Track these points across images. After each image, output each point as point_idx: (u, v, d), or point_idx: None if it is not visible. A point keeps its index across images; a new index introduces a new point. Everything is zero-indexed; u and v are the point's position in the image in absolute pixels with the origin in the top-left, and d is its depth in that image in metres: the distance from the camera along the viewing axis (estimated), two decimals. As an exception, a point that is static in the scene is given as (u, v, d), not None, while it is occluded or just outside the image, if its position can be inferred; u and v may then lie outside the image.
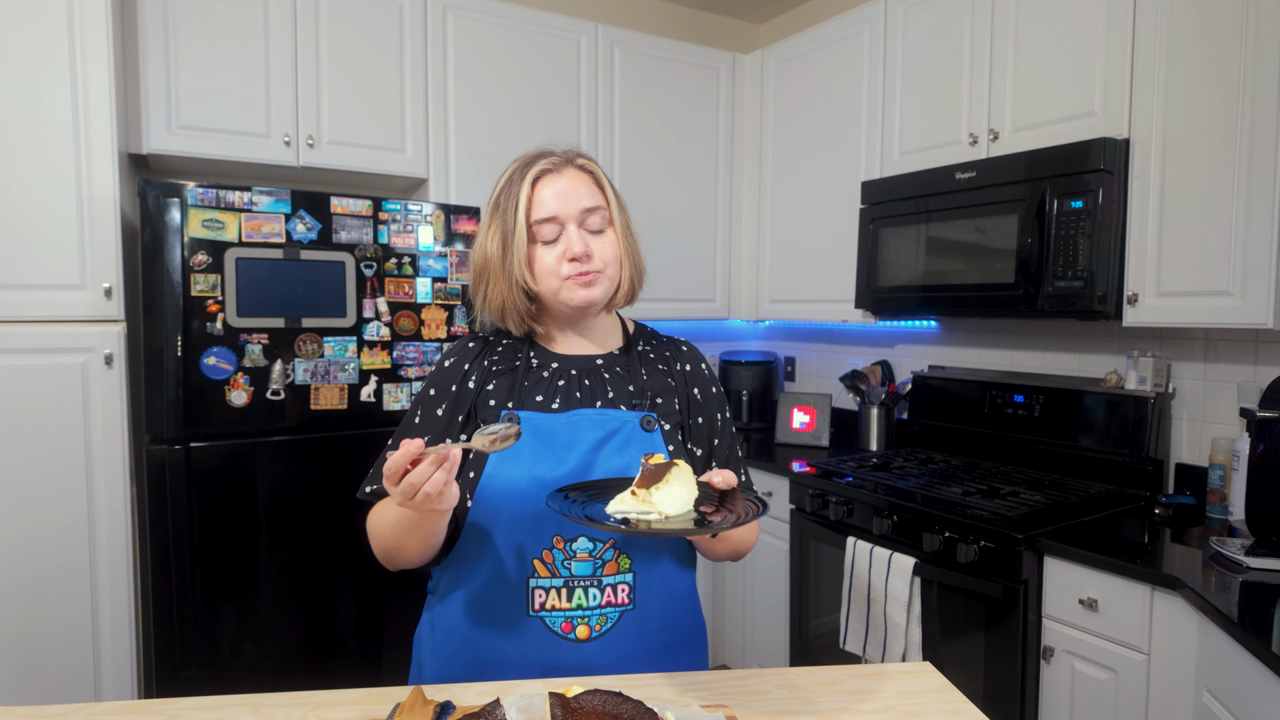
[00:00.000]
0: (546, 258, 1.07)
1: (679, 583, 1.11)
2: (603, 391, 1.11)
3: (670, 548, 1.09)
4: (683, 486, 0.89)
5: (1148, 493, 2.11)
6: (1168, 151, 1.86)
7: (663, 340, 1.23)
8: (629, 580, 1.04)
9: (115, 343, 1.98)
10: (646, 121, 3.02)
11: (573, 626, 1.02)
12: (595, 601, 1.03)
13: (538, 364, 1.12)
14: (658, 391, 1.14)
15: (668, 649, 1.08)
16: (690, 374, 1.19)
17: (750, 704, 0.95)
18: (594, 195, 1.09)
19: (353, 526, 2.16)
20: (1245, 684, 1.30)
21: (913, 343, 2.92)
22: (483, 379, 1.11)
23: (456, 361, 1.13)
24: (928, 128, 2.45)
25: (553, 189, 1.07)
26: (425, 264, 2.22)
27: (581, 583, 1.03)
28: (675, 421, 1.13)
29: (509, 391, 1.09)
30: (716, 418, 1.19)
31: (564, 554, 1.03)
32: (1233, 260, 1.75)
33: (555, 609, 1.02)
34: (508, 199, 1.08)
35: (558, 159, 1.10)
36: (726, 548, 1.11)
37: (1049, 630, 1.80)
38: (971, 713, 0.93)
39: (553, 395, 1.09)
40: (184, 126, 2.22)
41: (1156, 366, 2.11)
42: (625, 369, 1.15)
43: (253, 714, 0.93)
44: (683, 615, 1.11)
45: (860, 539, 2.17)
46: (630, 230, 1.15)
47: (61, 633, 1.96)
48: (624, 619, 1.04)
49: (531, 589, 1.02)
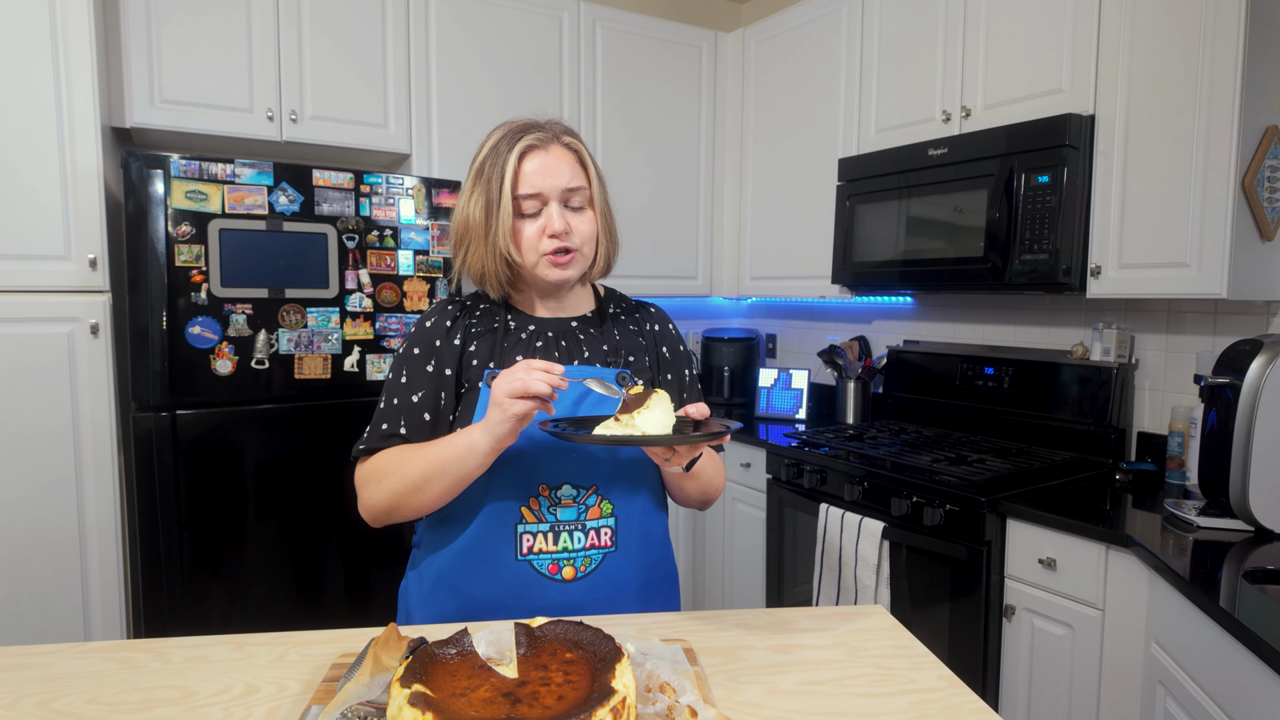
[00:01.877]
0: (527, 231, 1.11)
1: (654, 526, 1.18)
2: (579, 351, 1.17)
3: (647, 489, 1.16)
4: (662, 411, 0.96)
5: (1110, 460, 2.18)
6: (1131, 127, 1.91)
7: (632, 304, 1.30)
8: (610, 524, 1.11)
9: (101, 312, 2.01)
10: (629, 99, 3.05)
11: (559, 568, 1.08)
12: (580, 544, 1.09)
13: (515, 326, 1.17)
14: (630, 350, 1.21)
15: (646, 589, 1.15)
16: (659, 334, 1.27)
17: (708, 639, 1.01)
18: (577, 175, 1.13)
19: (339, 494, 2.20)
20: (1190, 634, 1.37)
21: (889, 318, 2.98)
22: (465, 338, 1.15)
23: (437, 321, 1.17)
24: (903, 105, 2.49)
25: (538, 165, 1.10)
26: (407, 237, 2.25)
27: (566, 527, 1.09)
28: (647, 378, 1.21)
29: (490, 352, 1.14)
30: (684, 374, 1.27)
31: (549, 500, 1.09)
32: (1190, 233, 1.81)
33: (542, 552, 1.08)
34: (493, 167, 1.11)
35: (545, 135, 1.13)
36: (697, 488, 1.17)
37: (1010, 590, 1.87)
38: (915, 646, 0.99)
39: (532, 355, 1.14)
40: (167, 100, 2.24)
41: (1120, 338, 2.18)
42: (599, 330, 1.21)
43: (235, 651, 0.98)
44: (659, 558, 1.18)
45: (832, 505, 2.23)
46: (609, 207, 1.19)
47: (51, 600, 2.00)
48: (607, 560, 1.11)
49: (519, 534, 1.08)
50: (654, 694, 0.80)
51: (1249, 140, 1.74)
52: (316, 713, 0.79)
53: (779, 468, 2.51)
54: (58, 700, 0.85)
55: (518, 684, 0.74)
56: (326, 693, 0.85)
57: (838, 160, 2.65)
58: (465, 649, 0.81)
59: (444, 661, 0.78)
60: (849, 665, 0.94)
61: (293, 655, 0.97)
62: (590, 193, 1.15)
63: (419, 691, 0.69)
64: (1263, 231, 1.80)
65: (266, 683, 0.89)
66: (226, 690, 0.88)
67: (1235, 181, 1.72)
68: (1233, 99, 1.71)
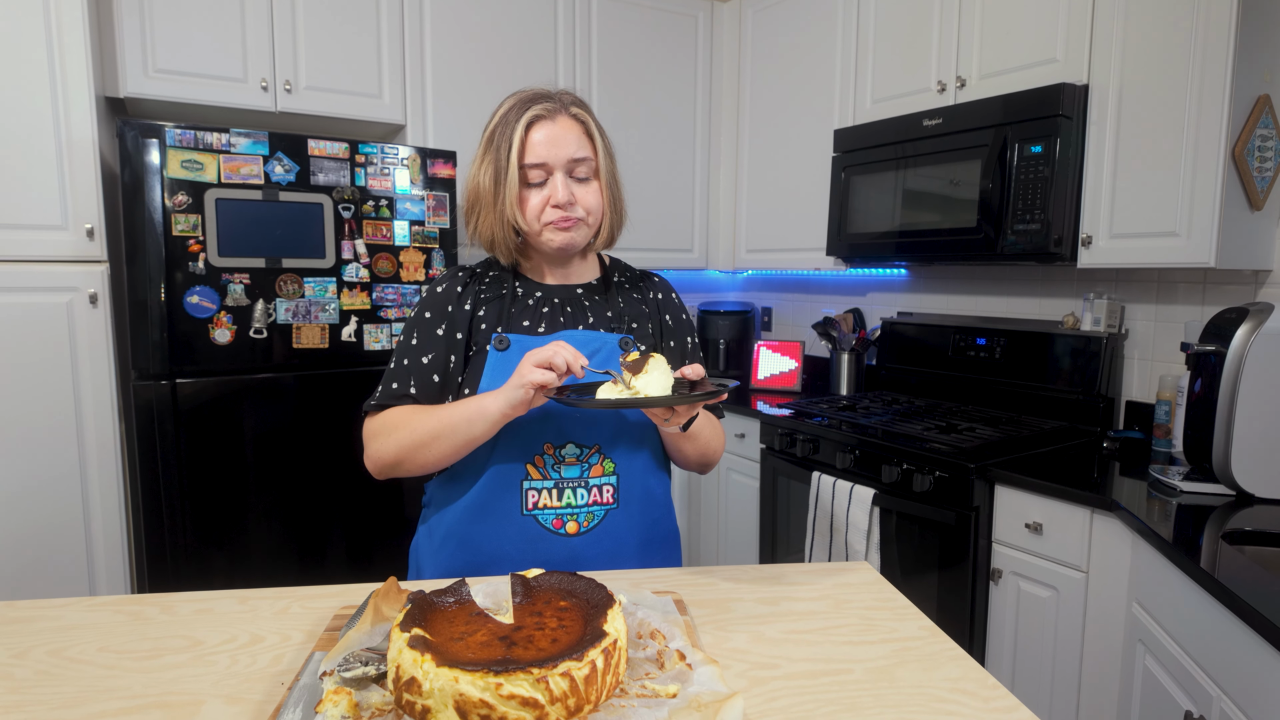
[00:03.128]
0: (533, 200, 1.14)
1: (655, 486, 1.21)
2: (584, 317, 1.21)
3: (648, 450, 1.19)
4: (661, 374, 1.00)
5: (1099, 429, 2.21)
6: (1124, 97, 1.92)
7: (636, 274, 1.33)
8: (613, 482, 1.15)
9: (99, 282, 2.02)
10: (624, 69, 3.03)
11: (563, 523, 1.13)
12: (583, 500, 1.14)
13: (523, 293, 1.21)
14: (634, 317, 1.24)
15: (647, 546, 1.20)
16: (662, 302, 1.30)
17: (698, 592, 1.04)
18: (583, 146, 1.15)
19: (338, 461, 2.23)
20: (1170, 594, 1.41)
21: (883, 290, 3.00)
22: (474, 303, 1.19)
23: (449, 287, 1.21)
24: (899, 76, 2.49)
25: (544, 135, 1.12)
26: (402, 207, 2.26)
27: (570, 484, 1.13)
28: (649, 344, 1.24)
29: (498, 317, 1.18)
30: (687, 341, 1.30)
31: (554, 459, 1.13)
32: (1180, 202, 1.82)
33: (547, 507, 1.13)
34: (501, 136, 1.14)
35: (553, 105, 1.14)
36: (695, 449, 1.20)
37: (998, 554, 1.91)
38: (898, 599, 1.02)
39: (538, 320, 1.19)
40: (160, 70, 2.23)
41: (1110, 308, 2.20)
42: (604, 297, 1.24)
43: (239, 604, 1.01)
44: (659, 516, 1.22)
45: (825, 473, 2.27)
46: (616, 178, 1.22)
47: (57, 569, 2.03)
48: (609, 516, 1.15)
49: (525, 490, 1.12)
50: (645, 640, 0.83)
51: (1240, 110, 1.74)
52: (320, 659, 0.82)
53: (773, 438, 2.54)
54: (69, 649, 0.88)
55: (513, 628, 0.77)
56: (329, 641, 0.88)
57: (833, 131, 2.65)
58: (463, 598, 0.84)
59: (442, 609, 0.81)
60: (834, 616, 0.97)
61: (295, 608, 1.00)
62: (596, 164, 1.17)
63: (418, 635, 0.72)
64: (1252, 201, 1.82)
65: (271, 633, 0.92)
66: (232, 640, 0.91)
67: (1226, 151, 1.73)
68: (1225, 69, 1.72)
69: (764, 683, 0.81)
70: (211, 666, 0.84)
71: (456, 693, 0.65)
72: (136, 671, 0.83)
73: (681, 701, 0.70)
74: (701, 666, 0.77)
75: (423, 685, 0.67)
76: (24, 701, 0.77)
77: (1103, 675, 1.70)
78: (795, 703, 0.77)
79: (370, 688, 0.73)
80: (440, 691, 0.66)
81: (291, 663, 0.85)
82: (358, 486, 2.27)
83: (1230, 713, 1.16)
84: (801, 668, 0.84)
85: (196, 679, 0.81)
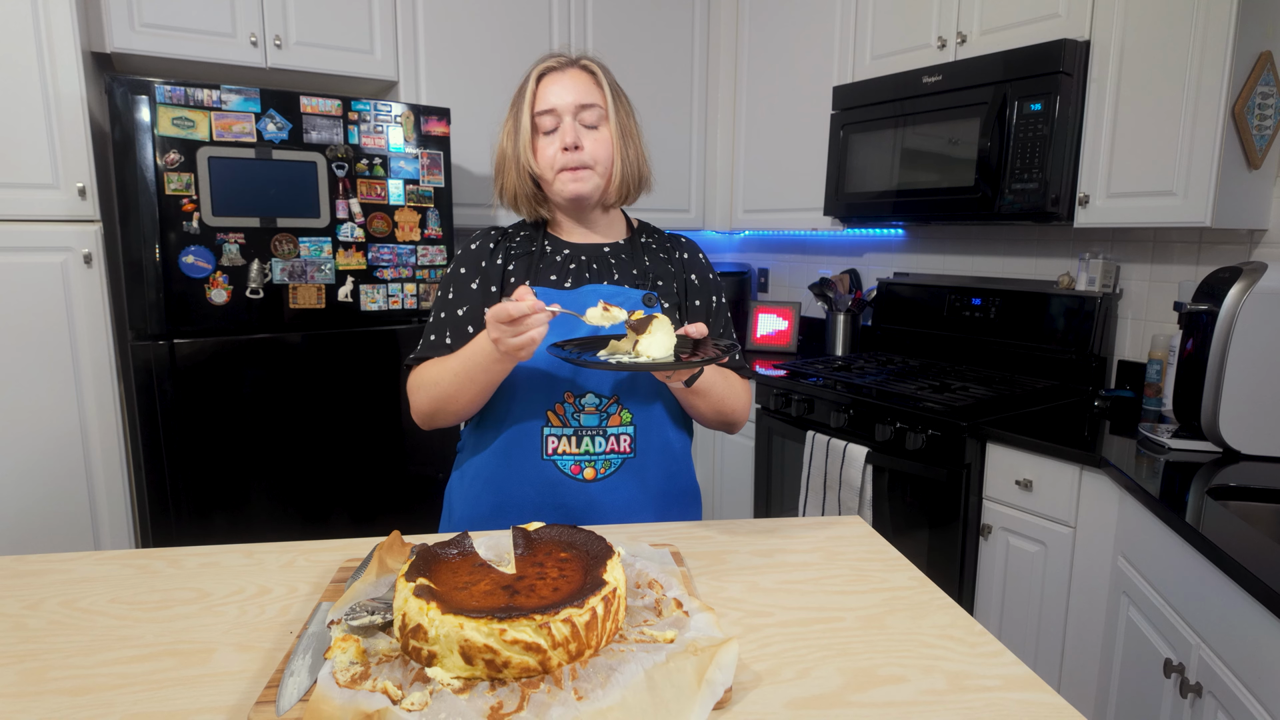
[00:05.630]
0: (546, 149, 1.19)
1: (674, 440, 1.24)
2: (609, 274, 1.24)
3: (662, 403, 1.22)
4: (664, 335, 1.02)
5: (1091, 388, 2.23)
6: (1125, 53, 1.90)
7: (664, 235, 1.36)
8: (630, 432, 1.18)
9: (93, 242, 2.01)
10: (620, 25, 2.98)
11: (580, 469, 1.17)
12: (600, 448, 1.17)
13: (551, 250, 1.25)
14: (659, 275, 1.27)
15: (664, 499, 1.23)
16: (688, 262, 1.31)
17: (694, 545, 1.06)
18: (591, 93, 1.19)
19: (338, 420, 2.25)
20: (1155, 547, 1.45)
21: (880, 251, 2.99)
22: (506, 259, 1.24)
23: (482, 244, 1.26)
24: (899, 31, 2.45)
25: (554, 85, 1.19)
26: (396, 165, 2.24)
27: (589, 432, 1.17)
28: (674, 302, 1.26)
29: (526, 271, 1.23)
30: (712, 300, 1.31)
31: (574, 407, 1.17)
32: (1178, 161, 1.82)
33: (566, 454, 1.17)
34: (520, 97, 1.20)
35: (564, 59, 1.22)
36: (708, 406, 1.21)
37: (988, 510, 1.95)
38: (889, 551, 1.05)
39: (565, 276, 1.22)
40: (147, 25, 2.19)
41: (1106, 268, 2.20)
42: (630, 255, 1.27)
43: (245, 558, 1.03)
44: (678, 471, 1.25)
45: (819, 432, 2.29)
46: (631, 133, 1.24)
47: (61, 529, 2.06)
48: (625, 465, 1.18)
49: (545, 436, 1.17)
50: (643, 589, 0.85)
51: (1241, 66, 1.73)
52: (326, 609, 0.85)
53: (768, 398, 2.56)
54: (81, 600, 0.90)
55: (515, 578, 0.79)
56: (335, 592, 0.90)
57: (832, 88, 2.62)
58: (466, 549, 0.86)
59: (446, 560, 0.84)
60: (826, 567, 0.99)
61: (301, 561, 1.02)
62: (605, 111, 1.20)
63: (423, 584, 0.74)
64: (1250, 160, 1.81)
65: (277, 585, 0.95)
66: (240, 591, 0.93)
67: (1226, 108, 1.72)
68: (1228, 23, 1.70)
69: (758, 629, 0.83)
70: (221, 616, 0.86)
71: (462, 639, 0.67)
72: (148, 621, 0.85)
73: (679, 646, 0.73)
74: (698, 614, 0.79)
75: (429, 632, 0.69)
76: (39, 650, 0.79)
77: (1087, 626, 1.75)
78: (788, 648, 0.79)
79: (377, 635, 0.76)
80: (446, 638, 0.68)
81: (299, 613, 0.88)
82: (358, 445, 2.29)
83: (1208, 659, 1.20)
84: (794, 615, 0.86)
85: (206, 628, 0.84)
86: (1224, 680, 1.15)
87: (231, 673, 0.75)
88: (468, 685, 0.67)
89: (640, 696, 0.66)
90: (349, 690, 0.65)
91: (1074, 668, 1.79)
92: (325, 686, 0.66)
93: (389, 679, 0.68)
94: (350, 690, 0.65)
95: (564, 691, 0.67)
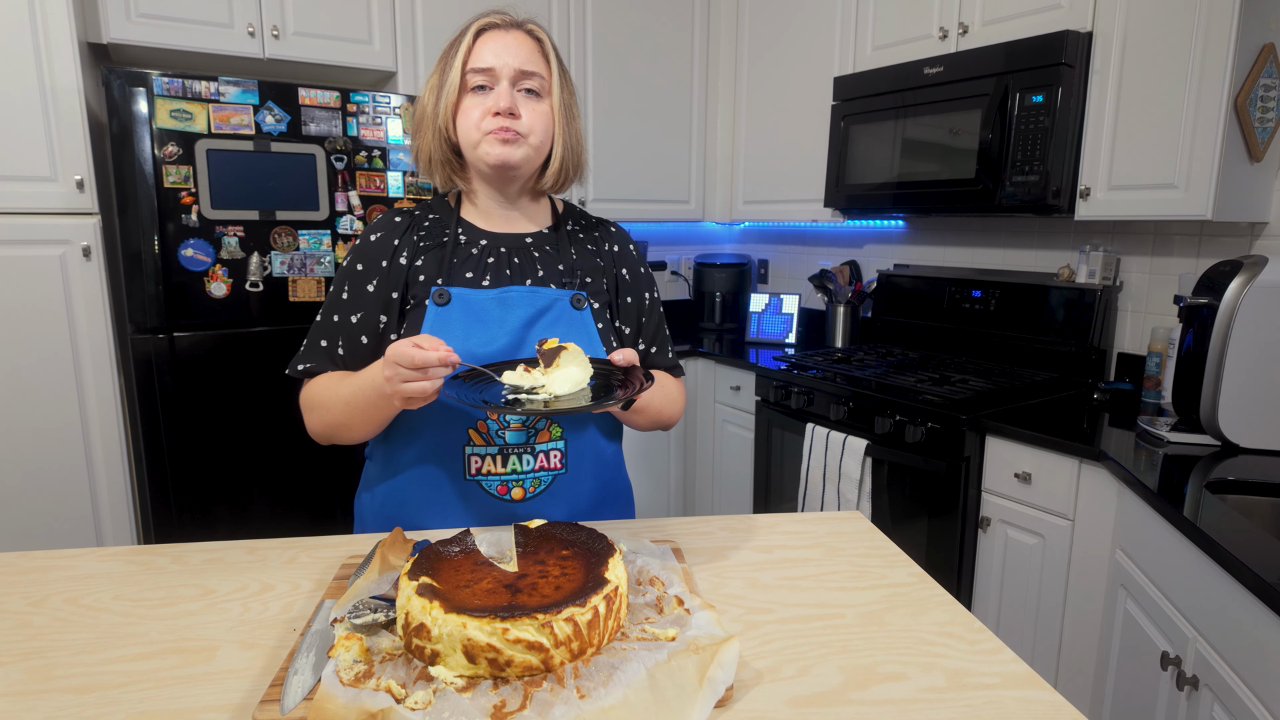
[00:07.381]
0: (473, 110, 1.06)
1: (606, 449, 1.16)
2: (532, 270, 1.11)
3: (595, 417, 1.12)
4: (575, 367, 0.92)
5: (1090, 380, 2.24)
6: (1128, 44, 1.89)
7: (591, 220, 1.23)
8: (560, 447, 1.09)
9: (92, 235, 2.01)
10: (620, 14, 2.96)
11: (508, 489, 1.07)
12: (529, 467, 1.07)
13: (466, 240, 1.11)
14: (587, 271, 1.15)
15: (598, 507, 1.14)
16: (619, 254, 1.20)
17: (695, 541, 1.07)
18: (535, 61, 1.07)
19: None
20: (1153, 541, 1.45)
21: (880, 243, 2.99)
22: (412, 254, 1.09)
23: (384, 236, 1.11)
24: (901, 21, 2.44)
25: (494, 44, 1.06)
26: (395, 157, 2.23)
27: (515, 449, 1.07)
28: (604, 300, 1.15)
29: (438, 267, 1.08)
30: (644, 297, 1.21)
31: (498, 424, 1.06)
32: (1180, 153, 1.81)
33: (491, 474, 1.06)
34: (452, 51, 1.08)
35: (509, 19, 1.09)
36: (646, 420, 1.15)
37: (987, 503, 1.96)
38: (889, 547, 1.05)
39: (483, 272, 1.09)
40: (144, 15, 2.17)
41: (1106, 260, 2.20)
42: (555, 248, 1.15)
43: (249, 554, 1.03)
44: (611, 478, 1.17)
45: (818, 425, 2.30)
46: (572, 112, 1.12)
47: (63, 523, 2.07)
48: (556, 482, 1.09)
49: (467, 456, 1.06)
50: (644, 586, 0.86)
51: (1244, 59, 1.72)
52: (330, 606, 0.85)
53: (768, 390, 2.56)
54: (86, 597, 0.90)
55: (517, 576, 0.80)
56: (338, 589, 0.90)
57: (833, 79, 2.61)
58: (468, 547, 0.86)
59: (449, 558, 0.84)
60: (826, 563, 1.00)
61: (304, 558, 1.02)
62: (548, 83, 1.09)
63: (426, 583, 0.74)
64: (1252, 152, 1.81)
65: (280, 581, 0.95)
66: (243, 588, 0.93)
67: (1228, 100, 1.72)
68: (1231, 15, 1.69)
69: (758, 626, 0.84)
70: (224, 614, 0.87)
71: (465, 638, 0.68)
72: (152, 619, 0.85)
73: (680, 644, 0.73)
74: (699, 611, 0.80)
75: (432, 631, 0.69)
76: (44, 648, 0.79)
77: (1084, 619, 1.76)
78: (788, 645, 0.80)
79: (380, 634, 0.76)
80: (449, 637, 0.68)
81: (302, 610, 0.88)
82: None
83: (1205, 653, 1.21)
84: (795, 612, 0.87)
85: (210, 625, 0.84)
86: (1220, 673, 1.16)
87: (235, 670, 0.75)
88: (471, 684, 0.68)
89: (642, 695, 0.67)
90: (353, 689, 0.66)
91: (1071, 660, 1.80)
92: (329, 685, 0.66)
93: (392, 678, 0.68)
94: (354, 689, 0.66)
95: (567, 690, 0.67)
